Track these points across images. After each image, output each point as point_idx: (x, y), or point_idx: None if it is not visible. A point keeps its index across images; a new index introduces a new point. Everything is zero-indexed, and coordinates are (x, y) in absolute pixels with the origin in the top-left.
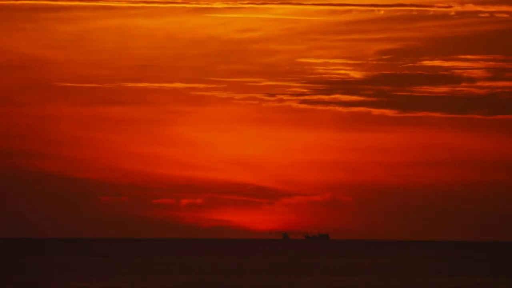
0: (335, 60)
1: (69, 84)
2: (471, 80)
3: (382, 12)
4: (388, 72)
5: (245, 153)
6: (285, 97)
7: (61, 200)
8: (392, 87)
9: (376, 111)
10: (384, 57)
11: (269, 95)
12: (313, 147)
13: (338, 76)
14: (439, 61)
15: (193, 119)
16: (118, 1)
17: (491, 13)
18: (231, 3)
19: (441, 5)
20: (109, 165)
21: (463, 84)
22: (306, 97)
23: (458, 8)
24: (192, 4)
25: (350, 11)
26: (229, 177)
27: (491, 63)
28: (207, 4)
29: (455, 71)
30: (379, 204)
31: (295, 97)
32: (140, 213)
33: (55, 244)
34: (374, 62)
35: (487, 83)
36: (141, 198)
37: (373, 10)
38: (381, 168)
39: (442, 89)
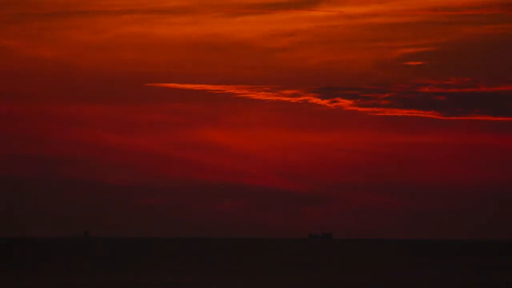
0: (375, 64)
1: (99, 88)
2: None
3: (420, 15)
4: (432, 77)
5: (285, 158)
6: (331, 100)
7: (104, 204)
8: (438, 89)
9: (422, 114)
10: (425, 62)
11: (317, 97)
12: (358, 150)
13: (379, 80)
14: (477, 63)
15: (230, 123)
16: (140, 6)
17: None
18: (261, 9)
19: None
20: (147, 171)
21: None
22: (351, 101)
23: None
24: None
25: (385, 15)
26: (271, 182)
27: None
28: (234, 9)
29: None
30: (425, 206)
31: (342, 101)
32: (180, 214)
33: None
34: (415, 66)
35: None
36: (179, 202)
37: (411, 15)
38: (427, 170)
39: (486, 90)
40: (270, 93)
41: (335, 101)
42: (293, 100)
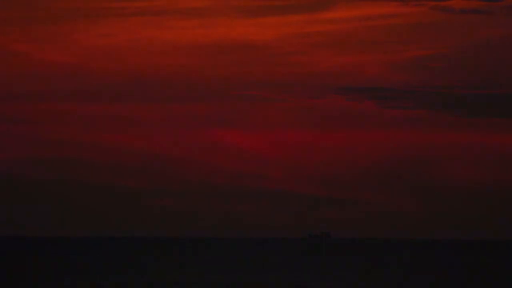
0: (395, 65)
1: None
2: None
3: (439, 16)
4: (454, 78)
5: (305, 160)
6: (354, 102)
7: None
8: (460, 90)
9: (444, 115)
10: (447, 63)
11: (339, 99)
12: (381, 151)
13: (400, 81)
14: (499, 64)
15: (250, 125)
16: (151, 8)
17: None
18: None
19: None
20: (162, 173)
21: None
22: (372, 102)
23: None
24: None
25: (401, 16)
26: (290, 185)
27: None
28: (247, 11)
29: None
30: (447, 207)
31: (364, 102)
32: (197, 215)
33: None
34: (436, 67)
35: None
36: (196, 203)
37: (429, 15)
38: (449, 171)
39: (508, 91)
40: (289, 95)
41: (357, 102)
42: (315, 101)
